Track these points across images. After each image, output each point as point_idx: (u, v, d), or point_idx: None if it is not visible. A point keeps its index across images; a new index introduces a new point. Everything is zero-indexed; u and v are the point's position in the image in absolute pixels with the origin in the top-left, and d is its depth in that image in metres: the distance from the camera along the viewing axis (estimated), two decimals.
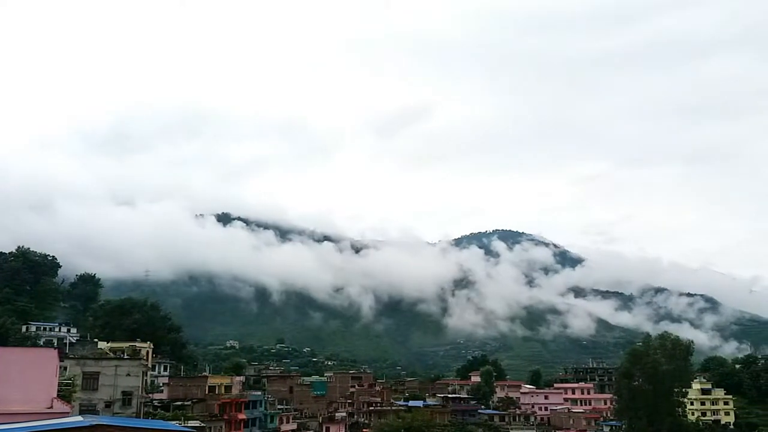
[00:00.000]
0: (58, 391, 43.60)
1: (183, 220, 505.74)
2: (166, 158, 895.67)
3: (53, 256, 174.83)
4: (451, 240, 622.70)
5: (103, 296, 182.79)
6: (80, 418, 37.98)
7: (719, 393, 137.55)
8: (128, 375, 67.04)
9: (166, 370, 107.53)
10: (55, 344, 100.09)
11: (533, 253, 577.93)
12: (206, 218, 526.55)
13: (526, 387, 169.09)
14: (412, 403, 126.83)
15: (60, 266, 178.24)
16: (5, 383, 36.58)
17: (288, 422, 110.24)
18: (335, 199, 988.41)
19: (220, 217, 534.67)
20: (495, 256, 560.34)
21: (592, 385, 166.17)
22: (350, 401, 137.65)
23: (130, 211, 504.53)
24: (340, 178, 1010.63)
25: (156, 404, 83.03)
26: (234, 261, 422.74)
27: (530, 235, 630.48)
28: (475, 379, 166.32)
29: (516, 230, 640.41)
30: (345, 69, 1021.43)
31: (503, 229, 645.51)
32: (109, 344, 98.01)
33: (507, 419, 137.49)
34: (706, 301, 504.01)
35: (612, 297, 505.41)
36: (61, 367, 52.01)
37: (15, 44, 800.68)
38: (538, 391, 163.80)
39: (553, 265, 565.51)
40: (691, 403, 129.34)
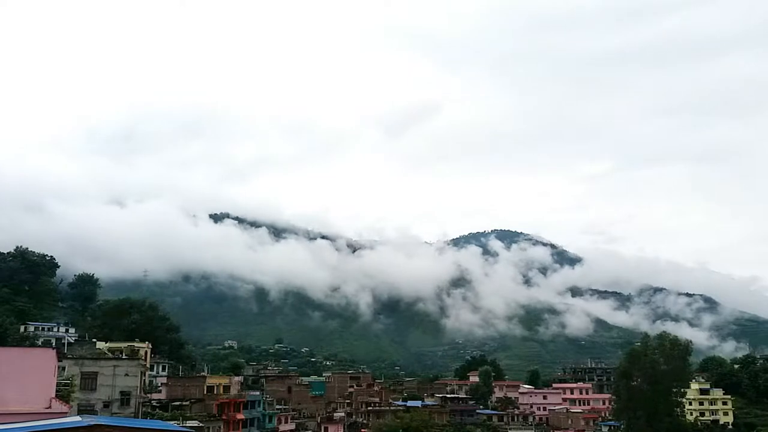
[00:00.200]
0: (57, 391, 43.46)
1: (183, 220, 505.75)
2: (167, 158, 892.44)
3: (52, 256, 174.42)
4: (449, 239, 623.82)
5: (102, 296, 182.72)
6: (78, 418, 37.94)
7: (718, 393, 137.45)
8: (126, 375, 67.02)
9: (164, 370, 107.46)
10: (54, 344, 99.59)
11: (531, 253, 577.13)
12: (205, 218, 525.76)
13: (525, 387, 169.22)
14: (410, 403, 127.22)
15: (58, 266, 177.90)
16: (3, 383, 36.49)
17: (286, 422, 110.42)
18: (334, 198, 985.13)
19: (217, 216, 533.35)
20: (493, 255, 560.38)
21: (590, 385, 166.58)
22: (349, 401, 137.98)
23: (129, 211, 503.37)
24: (339, 177, 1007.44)
25: (154, 404, 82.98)
26: (232, 260, 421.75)
27: (528, 235, 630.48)
28: (474, 379, 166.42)
29: (514, 230, 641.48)
30: (348, 68, 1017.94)
31: (501, 229, 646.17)
32: (108, 344, 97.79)
33: (505, 419, 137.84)
34: (704, 300, 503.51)
35: (610, 297, 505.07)
36: (59, 367, 51.86)
37: (15, 44, 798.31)
38: (537, 391, 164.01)
39: (552, 265, 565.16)
40: (690, 403, 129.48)
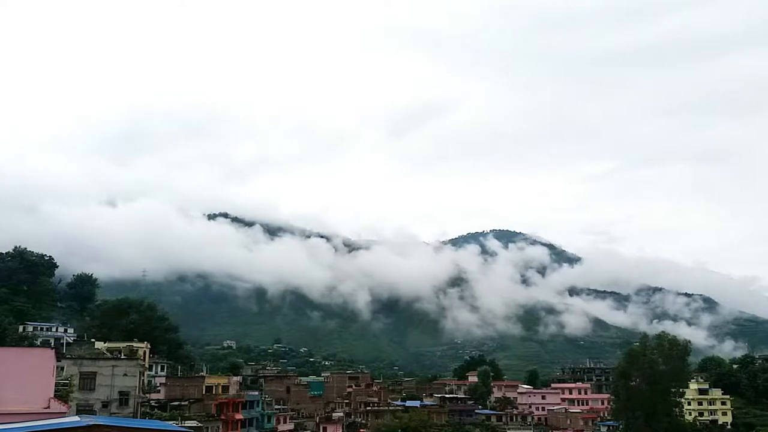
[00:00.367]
0: (55, 391, 43.47)
1: (182, 220, 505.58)
2: (167, 159, 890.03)
3: (50, 257, 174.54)
4: (448, 239, 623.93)
5: (100, 296, 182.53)
6: (77, 418, 37.90)
7: (716, 393, 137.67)
8: (125, 375, 66.98)
9: (163, 370, 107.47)
10: (52, 344, 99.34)
11: (529, 253, 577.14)
12: (203, 218, 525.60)
13: (524, 387, 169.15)
14: (409, 403, 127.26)
15: (57, 266, 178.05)
16: (2, 383, 36.46)
17: (285, 422, 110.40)
18: (334, 198, 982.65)
19: (215, 216, 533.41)
20: (492, 255, 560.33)
21: (589, 385, 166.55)
22: (347, 401, 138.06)
23: (128, 211, 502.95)
24: (339, 177, 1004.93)
25: (153, 404, 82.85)
26: (230, 260, 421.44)
27: (526, 235, 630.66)
28: (473, 379, 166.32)
29: (512, 230, 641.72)
30: (349, 68, 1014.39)
31: (499, 228, 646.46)
32: (106, 344, 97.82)
33: (504, 419, 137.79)
34: (703, 300, 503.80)
35: (609, 296, 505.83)
36: (58, 367, 51.85)
37: (15, 44, 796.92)
38: (536, 391, 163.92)
39: (551, 264, 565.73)
40: (689, 403, 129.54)
